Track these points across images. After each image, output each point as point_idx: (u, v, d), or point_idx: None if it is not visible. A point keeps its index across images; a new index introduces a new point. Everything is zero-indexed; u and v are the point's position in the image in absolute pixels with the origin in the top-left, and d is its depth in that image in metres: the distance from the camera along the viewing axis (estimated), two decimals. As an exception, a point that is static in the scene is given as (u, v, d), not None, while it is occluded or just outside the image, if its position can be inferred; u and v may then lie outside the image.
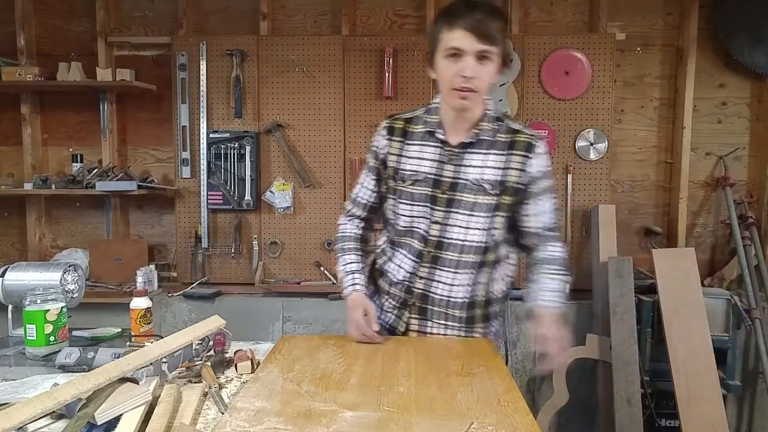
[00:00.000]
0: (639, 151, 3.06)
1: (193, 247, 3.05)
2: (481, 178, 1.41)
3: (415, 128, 1.48)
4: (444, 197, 1.43)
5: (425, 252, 1.48)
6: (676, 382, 2.51)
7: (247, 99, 2.99)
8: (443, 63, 1.33)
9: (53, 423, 1.06)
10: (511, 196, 1.43)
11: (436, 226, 1.45)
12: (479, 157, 1.42)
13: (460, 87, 1.32)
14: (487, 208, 1.42)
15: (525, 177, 1.42)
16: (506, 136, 1.43)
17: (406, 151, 1.47)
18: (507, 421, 0.99)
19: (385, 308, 1.61)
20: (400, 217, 1.50)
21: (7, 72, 2.91)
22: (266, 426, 0.96)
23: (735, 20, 2.87)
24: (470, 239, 1.44)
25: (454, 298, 1.50)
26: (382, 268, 1.60)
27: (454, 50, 1.31)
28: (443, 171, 1.43)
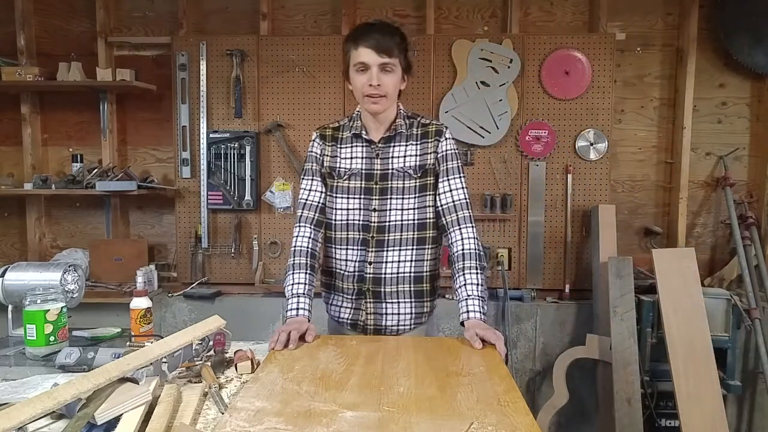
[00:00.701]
0: (639, 151, 3.06)
1: (193, 247, 3.05)
2: (404, 166, 1.64)
3: (342, 134, 1.71)
4: (378, 187, 1.65)
5: (370, 238, 1.64)
6: (676, 382, 2.51)
7: (247, 99, 2.99)
8: (354, 76, 1.59)
9: (53, 423, 1.06)
10: (433, 177, 1.65)
11: (375, 213, 1.64)
12: (400, 148, 1.66)
13: (369, 93, 1.57)
14: (414, 189, 1.64)
15: (436, 157, 1.65)
16: (419, 129, 1.67)
17: (339, 152, 1.68)
18: (507, 421, 0.99)
19: (343, 305, 1.71)
20: (336, 211, 1.67)
21: (7, 72, 2.92)
22: (266, 426, 0.96)
23: (735, 20, 2.87)
24: (406, 218, 1.64)
25: (402, 273, 1.65)
26: (329, 269, 1.73)
27: (361, 65, 1.56)
28: (373, 165, 1.66)
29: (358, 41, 1.55)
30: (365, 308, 1.67)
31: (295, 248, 1.67)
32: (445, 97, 2.93)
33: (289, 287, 1.61)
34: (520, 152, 2.94)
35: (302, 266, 1.63)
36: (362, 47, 1.54)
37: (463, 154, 2.94)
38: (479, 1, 3.03)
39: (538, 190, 2.95)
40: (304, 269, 1.63)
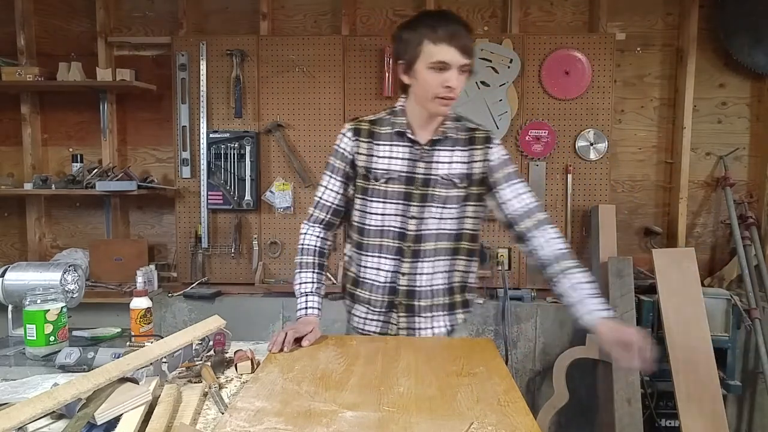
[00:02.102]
0: (639, 151, 3.06)
1: (193, 247, 3.05)
2: (449, 173, 1.51)
3: (381, 129, 1.54)
4: (418, 193, 1.52)
5: (405, 248, 1.54)
6: (676, 382, 2.51)
7: (247, 99, 2.99)
8: (427, 73, 1.41)
9: (53, 423, 1.06)
10: (478, 186, 1.54)
11: (413, 221, 1.52)
12: (446, 153, 1.52)
13: (444, 96, 1.42)
14: (457, 199, 1.53)
15: (487, 165, 1.53)
16: (466, 133, 1.54)
17: (375, 151, 1.53)
18: (507, 421, 0.99)
19: (368, 317, 1.62)
20: (372, 216, 1.55)
21: (7, 72, 2.91)
22: (266, 426, 0.96)
23: (735, 20, 2.87)
24: (443, 227, 1.54)
25: (436, 285, 1.56)
26: (357, 277, 1.62)
27: (441, 64, 1.39)
28: (415, 168, 1.52)
29: (439, 36, 1.39)
30: (396, 322, 1.58)
31: (303, 246, 1.61)
32: (445, 97, 2.92)
33: (297, 286, 1.58)
34: (520, 152, 2.94)
35: (309, 265, 1.59)
36: (445, 44, 1.39)
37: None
38: (479, 1, 3.03)
39: (538, 190, 2.95)
40: (311, 268, 1.59)
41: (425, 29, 1.41)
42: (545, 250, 1.46)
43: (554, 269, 1.44)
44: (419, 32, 1.42)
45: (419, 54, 1.42)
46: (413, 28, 1.44)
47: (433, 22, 1.42)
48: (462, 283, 1.61)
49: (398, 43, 1.49)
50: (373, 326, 1.62)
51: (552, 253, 1.45)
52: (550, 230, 1.48)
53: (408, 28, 1.46)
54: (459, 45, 1.39)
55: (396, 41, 1.50)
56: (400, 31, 1.48)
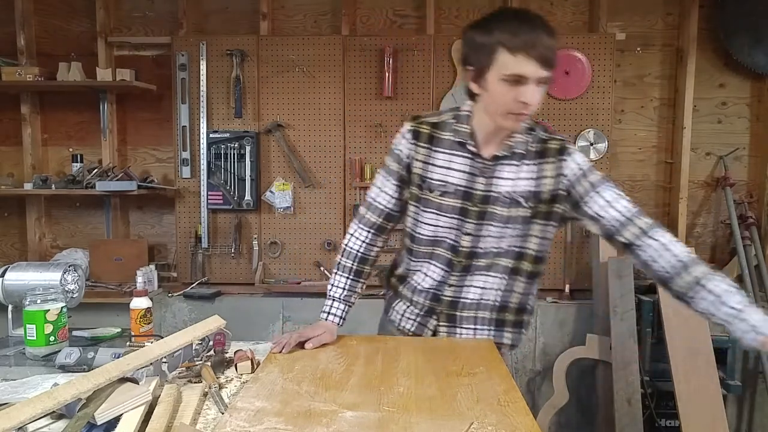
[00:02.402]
0: (639, 151, 3.06)
1: (193, 247, 3.05)
2: (513, 191, 1.36)
3: (442, 134, 1.40)
4: (476, 210, 1.38)
5: (456, 262, 1.43)
6: (676, 382, 2.51)
7: (247, 99, 2.99)
8: (500, 86, 1.24)
9: (53, 423, 1.06)
10: (548, 204, 1.37)
11: (467, 237, 1.40)
12: (512, 169, 1.36)
13: (518, 112, 1.25)
14: (522, 219, 1.37)
15: (564, 181, 1.35)
16: (537, 145, 1.37)
17: (433, 159, 1.40)
18: (507, 421, 0.99)
19: (406, 315, 1.56)
20: (424, 225, 1.44)
21: (7, 72, 2.91)
22: (266, 426, 0.96)
23: (735, 20, 2.87)
24: (503, 245, 1.40)
25: (485, 300, 1.46)
26: (403, 276, 1.55)
27: (518, 77, 1.21)
28: (474, 183, 1.37)
29: (517, 45, 1.20)
30: (434, 329, 1.52)
31: (347, 248, 1.53)
32: (445, 97, 2.92)
33: (328, 287, 1.53)
34: (520, 152, 2.94)
35: (346, 269, 1.51)
36: (523, 55, 1.20)
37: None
38: (479, 1, 3.03)
39: (538, 190, 2.95)
40: (347, 273, 1.51)
41: (502, 34, 1.21)
42: (663, 259, 1.28)
43: (683, 281, 1.25)
44: (494, 37, 1.22)
45: (492, 63, 1.23)
46: (488, 31, 1.24)
47: (511, 26, 1.22)
48: (519, 305, 1.49)
49: (468, 46, 1.30)
50: (409, 324, 1.55)
51: (673, 261, 1.27)
52: (661, 234, 1.30)
53: (481, 31, 1.26)
54: (540, 56, 1.20)
55: (466, 43, 1.31)
56: (471, 33, 1.29)
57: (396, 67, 2.91)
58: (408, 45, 2.92)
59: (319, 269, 3.02)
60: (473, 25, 1.30)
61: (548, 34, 1.22)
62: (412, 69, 2.93)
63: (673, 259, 1.27)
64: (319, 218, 3.02)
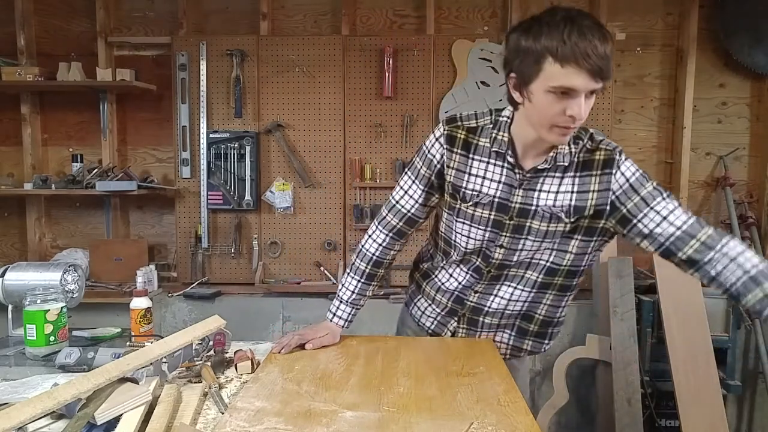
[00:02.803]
0: (639, 151, 3.06)
1: (193, 247, 3.05)
2: (553, 205, 1.27)
3: (479, 140, 1.30)
4: (511, 223, 1.31)
5: (486, 271, 1.39)
6: (676, 382, 2.51)
7: (247, 99, 2.99)
8: (546, 97, 1.13)
9: (53, 423, 1.06)
10: (591, 219, 1.28)
11: (501, 249, 1.34)
12: (553, 181, 1.27)
13: (565, 125, 1.15)
14: (561, 234, 1.30)
15: (609, 197, 1.25)
16: (582, 155, 1.26)
17: (468, 167, 1.31)
18: (507, 421, 0.99)
19: (427, 313, 1.54)
20: (456, 234, 1.38)
21: (7, 72, 2.91)
22: (266, 426, 0.96)
23: (735, 20, 2.87)
24: (537, 259, 1.35)
25: (510, 310, 1.43)
26: (428, 273, 1.52)
27: (566, 89, 1.11)
28: (511, 196, 1.29)
29: (567, 56, 1.07)
30: (454, 330, 1.50)
31: (362, 250, 1.48)
32: (445, 97, 2.92)
33: (339, 287, 1.52)
34: (520, 152, 2.94)
35: (359, 272, 1.48)
36: (573, 67, 1.08)
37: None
38: (479, 1, 3.03)
39: (538, 190, 2.95)
40: (359, 275, 1.48)
41: (550, 41, 1.09)
42: (735, 273, 1.17)
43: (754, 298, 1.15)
44: (541, 44, 1.10)
45: (538, 72, 1.12)
46: (534, 36, 1.11)
47: (561, 32, 1.08)
48: (546, 317, 1.45)
49: (512, 51, 1.17)
50: (429, 322, 1.54)
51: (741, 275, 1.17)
52: (731, 244, 1.19)
53: (527, 34, 1.13)
54: (592, 67, 1.08)
55: (510, 47, 1.18)
56: (515, 36, 1.16)
57: (396, 67, 2.91)
58: (408, 45, 2.92)
59: (319, 269, 3.02)
60: (518, 27, 1.17)
61: (602, 41, 1.09)
62: (412, 69, 2.93)
63: (740, 273, 1.17)
64: (319, 218, 3.02)
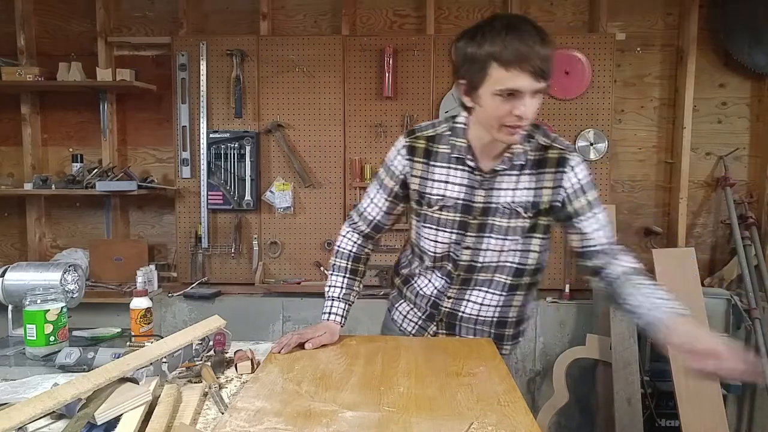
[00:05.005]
0: (639, 151, 3.06)
1: (193, 247, 3.05)
2: (513, 201, 1.35)
3: (439, 148, 1.38)
4: (475, 223, 1.38)
5: (455, 275, 1.45)
6: (676, 382, 2.51)
7: (247, 99, 2.99)
8: (493, 100, 1.20)
9: (53, 423, 1.06)
10: (547, 216, 1.37)
11: (467, 251, 1.40)
12: (511, 179, 1.35)
13: (512, 125, 1.22)
14: (522, 230, 1.37)
15: (561, 193, 1.34)
16: (537, 153, 1.34)
17: (430, 174, 1.38)
18: (507, 421, 0.99)
19: (409, 317, 1.58)
20: (424, 239, 1.45)
21: (7, 72, 2.91)
22: (266, 426, 0.96)
23: (735, 20, 2.87)
24: (504, 261, 1.40)
25: (483, 316, 1.48)
26: (408, 278, 1.57)
27: (511, 91, 1.18)
28: (474, 196, 1.36)
29: (509, 59, 1.15)
30: (432, 333, 1.55)
31: (339, 249, 1.54)
32: (445, 97, 2.92)
33: (326, 288, 1.53)
34: (520, 152, 2.94)
35: (342, 269, 1.52)
36: (516, 69, 1.16)
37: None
38: (479, 1, 3.03)
39: (538, 190, 2.95)
40: (342, 272, 1.52)
41: (492, 47, 1.16)
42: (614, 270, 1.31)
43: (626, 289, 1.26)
44: (485, 50, 1.17)
45: (485, 77, 1.19)
46: (478, 42, 1.19)
47: (502, 38, 1.16)
48: (517, 317, 1.51)
49: (459, 59, 1.25)
50: (411, 326, 1.58)
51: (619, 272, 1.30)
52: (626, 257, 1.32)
53: (471, 42, 1.21)
54: (533, 68, 1.16)
55: (457, 55, 1.26)
56: (461, 44, 1.24)
57: (396, 67, 2.91)
58: (408, 45, 2.92)
59: (319, 269, 3.02)
60: (463, 36, 1.25)
61: (542, 44, 1.17)
62: (412, 69, 2.93)
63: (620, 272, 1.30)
64: (319, 218, 3.02)
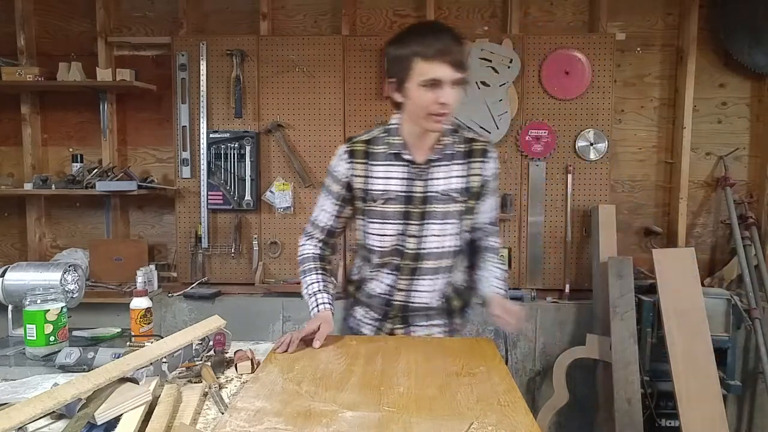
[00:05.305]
0: (639, 151, 3.06)
1: (193, 247, 3.05)
2: (448, 189, 1.50)
3: (376, 149, 1.52)
4: (417, 211, 1.50)
5: (403, 265, 1.54)
6: (676, 382, 2.51)
7: (247, 99, 2.99)
8: (419, 91, 1.37)
9: (53, 423, 1.06)
10: (475, 200, 1.54)
11: (412, 239, 1.51)
12: (444, 169, 1.50)
13: (438, 113, 1.38)
14: (457, 214, 1.51)
15: (482, 180, 1.53)
16: (464, 145, 1.52)
17: (372, 172, 1.51)
18: (507, 421, 0.99)
19: (364, 320, 1.64)
20: (371, 236, 1.54)
21: (7, 72, 2.91)
22: (266, 426, 0.96)
23: (735, 20, 2.87)
24: (445, 245, 1.53)
25: (433, 303, 1.58)
26: (359, 283, 1.65)
27: (434, 81, 1.35)
28: (413, 187, 1.49)
29: (430, 53, 1.33)
30: (390, 332, 1.61)
31: (302, 256, 1.62)
32: (445, 97, 2.92)
33: (304, 291, 1.57)
34: (520, 152, 2.94)
35: (312, 269, 1.58)
36: (437, 62, 1.33)
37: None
38: (479, 1, 3.03)
39: (538, 190, 2.95)
40: (314, 271, 1.58)
41: (415, 46, 1.36)
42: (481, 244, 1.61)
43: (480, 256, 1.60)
44: (409, 49, 1.37)
45: (410, 72, 1.37)
46: (403, 44, 1.39)
47: (422, 37, 1.37)
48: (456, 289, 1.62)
49: (388, 61, 1.46)
50: (368, 329, 1.64)
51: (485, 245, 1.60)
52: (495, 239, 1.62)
53: (397, 45, 1.41)
54: (451, 60, 1.34)
55: (387, 58, 1.46)
56: (390, 48, 1.44)
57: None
58: (408, 45, 2.92)
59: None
60: (391, 41, 1.44)
61: (456, 42, 1.37)
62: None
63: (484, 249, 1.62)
64: (319, 218, 3.01)
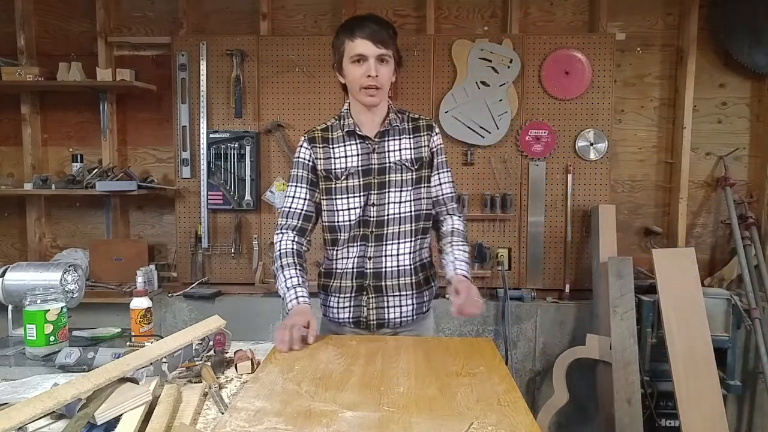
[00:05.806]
0: (639, 151, 3.06)
1: (193, 247, 3.05)
2: (401, 159, 1.66)
3: (333, 134, 1.70)
4: (376, 181, 1.65)
5: (369, 233, 1.66)
6: (676, 382, 2.51)
7: (247, 99, 2.99)
8: (350, 68, 1.58)
9: (53, 423, 1.06)
10: (427, 169, 1.70)
11: (373, 208, 1.65)
12: (394, 142, 1.67)
13: (367, 85, 1.56)
14: (412, 182, 1.67)
15: (429, 151, 1.70)
16: (410, 123, 1.70)
17: (332, 153, 1.67)
18: (507, 421, 0.99)
19: (340, 306, 1.71)
20: (338, 212, 1.66)
21: (7, 72, 2.92)
22: (266, 426, 0.96)
23: (735, 20, 2.87)
24: (404, 211, 1.66)
25: (402, 266, 1.68)
26: (329, 270, 1.74)
27: (359, 56, 1.55)
28: (370, 160, 1.65)
29: (354, 32, 1.56)
30: (367, 304, 1.68)
31: (280, 251, 1.68)
32: (445, 97, 2.92)
33: (282, 285, 1.61)
34: (520, 152, 2.94)
35: (289, 265, 1.64)
36: (359, 38, 1.55)
37: (463, 154, 2.95)
38: (479, 1, 3.03)
39: (538, 190, 2.95)
40: (291, 267, 1.63)
41: (345, 31, 1.59)
42: (445, 226, 1.73)
43: (445, 240, 1.71)
44: (341, 34, 1.59)
45: (342, 53, 1.59)
46: (338, 33, 1.61)
47: (351, 24, 1.59)
48: (422, 261, 1.73)
49: (332, 51, 1.66)
50: (345, 313, 1.71)
51: (449, 230, 1.72)
52: (454, 217, 1.75)
53: (335, 36, 1.63)
54: (373, 37, 1.54)
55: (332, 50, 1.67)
56: (333, 40, 1.64)
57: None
58: (408, 45, 2.92)
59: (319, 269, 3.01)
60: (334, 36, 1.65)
61: (378, 24, 1.58)
62: (412, 69, 2.93)
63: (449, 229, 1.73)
64: (319, 218, 3.01)
